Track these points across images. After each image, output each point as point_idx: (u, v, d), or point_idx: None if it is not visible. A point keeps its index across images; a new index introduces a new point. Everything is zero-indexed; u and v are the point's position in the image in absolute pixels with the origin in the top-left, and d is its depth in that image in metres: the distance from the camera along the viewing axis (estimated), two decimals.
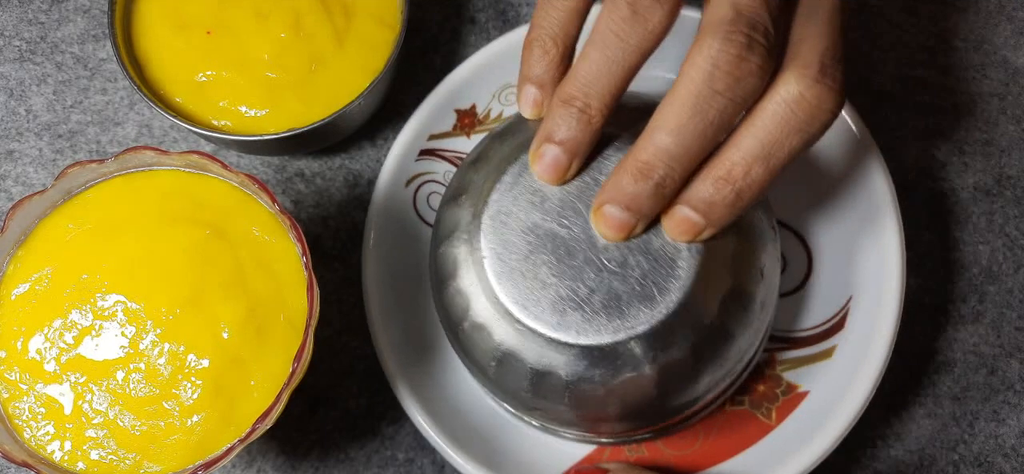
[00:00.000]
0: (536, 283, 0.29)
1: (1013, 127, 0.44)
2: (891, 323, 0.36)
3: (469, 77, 0.41)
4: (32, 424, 0.32)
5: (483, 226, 0.30)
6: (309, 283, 0.32)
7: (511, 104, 0.42)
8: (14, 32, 0.46)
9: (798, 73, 0.26)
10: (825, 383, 0.37)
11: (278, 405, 0.31)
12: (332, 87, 0.40)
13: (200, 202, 0.34)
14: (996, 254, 0.43)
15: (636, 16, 0.27)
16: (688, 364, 0.30)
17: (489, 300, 0.30)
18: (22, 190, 0.43)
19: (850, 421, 0.35)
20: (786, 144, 0.26)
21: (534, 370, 0.30)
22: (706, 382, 0.31)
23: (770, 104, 0.26)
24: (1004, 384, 0.41)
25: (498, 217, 0.30)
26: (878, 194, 0.37)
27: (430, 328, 0.39)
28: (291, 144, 0.40)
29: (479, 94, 0.42)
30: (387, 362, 0.37)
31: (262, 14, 0.40)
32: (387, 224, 0.40)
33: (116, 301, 0.33)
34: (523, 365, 0.30)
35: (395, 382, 0.37)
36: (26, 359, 0.32)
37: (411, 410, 0.37)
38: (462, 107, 0.42)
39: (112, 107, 0.44)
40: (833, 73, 0.26)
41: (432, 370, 0.38)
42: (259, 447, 0.39)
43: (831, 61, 0.26)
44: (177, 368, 0.32)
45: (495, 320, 0.30)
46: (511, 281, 0.30)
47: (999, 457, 0.40)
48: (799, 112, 0.26)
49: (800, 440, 0.36)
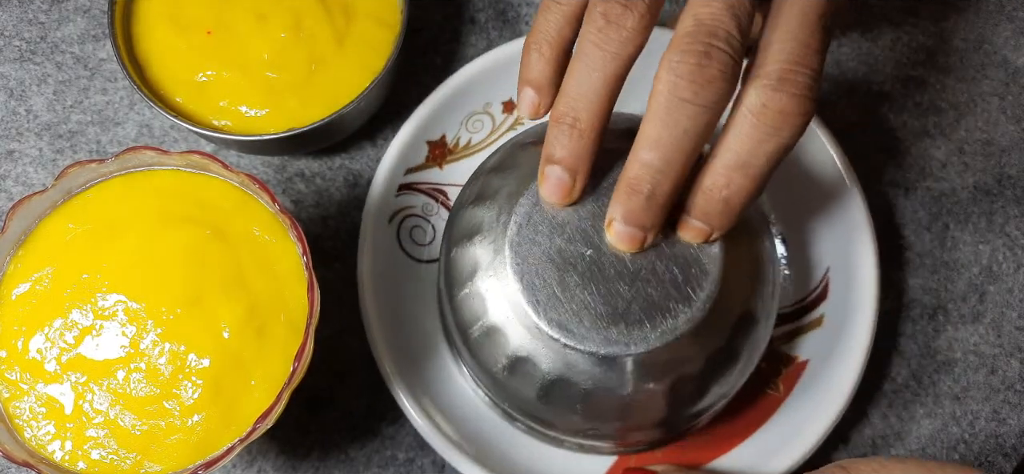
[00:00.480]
0: (566, 292, 0.30)
1: (1013, 127, 0.44)
2: (872, 281, 0.38)
3: (444, 103, 0.41)
4: (33, 424, 0.32)
5: (511, 231, 0.31)
6: (309, 283, 0.32)
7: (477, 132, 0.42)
8: (14, 32, 0.46)
9: (759, 83, 0.27)
10: (821, 349, 0.39)
11: (278, 405, 0.31)
12: (332, 87, 0.40)
13: (200, 202, 0.34)
14: (996, 254, 0.43)
15: (610, 24, 0.28)
16: (725, 355, 0.31)
17: (512, 306, 0.30)
18: (22, 190, 0.43)
19: (855, 380, 0.37)
20: (760, 151, 0.27)
21: (563, 380, 0.31)
22: (740, 369, 0.32)
23: (738, 114, 0.28)
24: (1004, 384, 0.41)
25: (528, 224, 0.31)
26: (832, 171, 0.40)
27: (429, 327, 0.39)
28: (291, 144, 0.40)
29: (449, 123, 0.42)
30: (383, 362, 0.37)
31: (262, 14, 0.40)
32: (380, 225, 0.40)
33: (116, 301, 0.33)
34: (538, 370, 0.31)
35: (392, 383, 0.37)
36: (27, 359, 0.32)
37: (410, 411, 0.37)
38: (433, 138, 0.42)
39: (112, 107, 0.44)
40: (794, 80, 0.27)
41: (430, 371, 0.38)
42: (259, 447, 0.39)
43: (793, 67, 0.27)
44: (178, 368, 0.32)
45: (517, 326, 0.31)
46: (543, 292, 0.30)
47: (999, 457, 0.40)
48: (765, 120, 0.27)
49: (813, 405, 0.37)
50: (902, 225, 0.43)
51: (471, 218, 0.33)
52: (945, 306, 0.42)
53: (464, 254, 0.32)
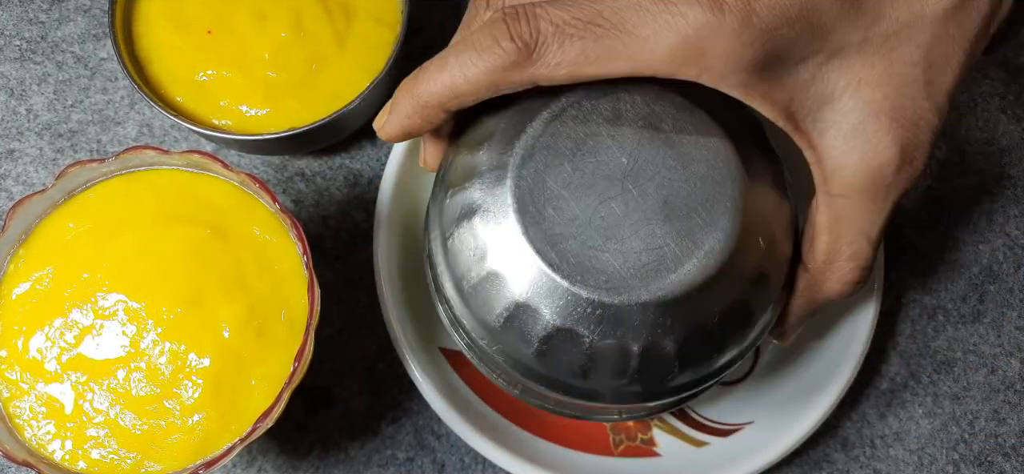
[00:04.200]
0: (572, 232, 0.27)
1: (1013, 127, 0.44)
2: (872, 280, 0.38)
3: None
4: (33, 423, 0.32)
5: (511, 169, 0.28)
6: (310, 282, 0.32)
7: None
8: (14, 31, 0.46)
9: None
10: (821, 348, 0.39)
11: (279, 404, 0.31)
12: (332, 87, 0.40)
13: (201, 201, 0.34)
14: (996, 254, 0.43)
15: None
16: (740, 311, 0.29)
17: (512, 249, 0.28)
18: (23, 189, 0.43)
19: (849, 377, 0.37)
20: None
21: (565, 331, 0.28)
22: (760, 327, 0.30)
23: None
24: (1004, 384, 0.41)
25: (531, 159, 0.28)
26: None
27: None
28: (291, 144, 0.40)
29: None
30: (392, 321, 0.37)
31: (263, 14, 0.40)
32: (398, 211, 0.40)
33: (117, 300, 0.33)
34: (539, 320, 0.28)
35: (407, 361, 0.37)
36: (27, 358, 0.32)
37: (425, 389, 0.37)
38: None
39: (113, 106, 0.44)
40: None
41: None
42: (259, 446, 0.39)
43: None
44: (178, 367, 0.32)
45: (517, 271, 0.28)
46: (547, 225, 0.27)
47: (999, 457, 0.40)
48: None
49: (805, 400, 0.37)
50: (902, 225, 0.43)
51: (465, 163, 0.30)
52: (945, 306, 0.42)
53: (456, 200, 0.30)
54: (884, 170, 0.27)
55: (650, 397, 0.31)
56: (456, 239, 0.29)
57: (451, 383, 0.38)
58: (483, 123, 0.31)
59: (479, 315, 0.30)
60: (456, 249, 0.29)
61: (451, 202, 0.30)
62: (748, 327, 0.30)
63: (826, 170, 0.28)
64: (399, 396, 0.40)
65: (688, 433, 0.38)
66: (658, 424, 0.38)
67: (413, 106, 0.29)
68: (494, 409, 0.38)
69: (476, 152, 0.30)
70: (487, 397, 0.38)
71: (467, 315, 0.30)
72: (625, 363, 0.28)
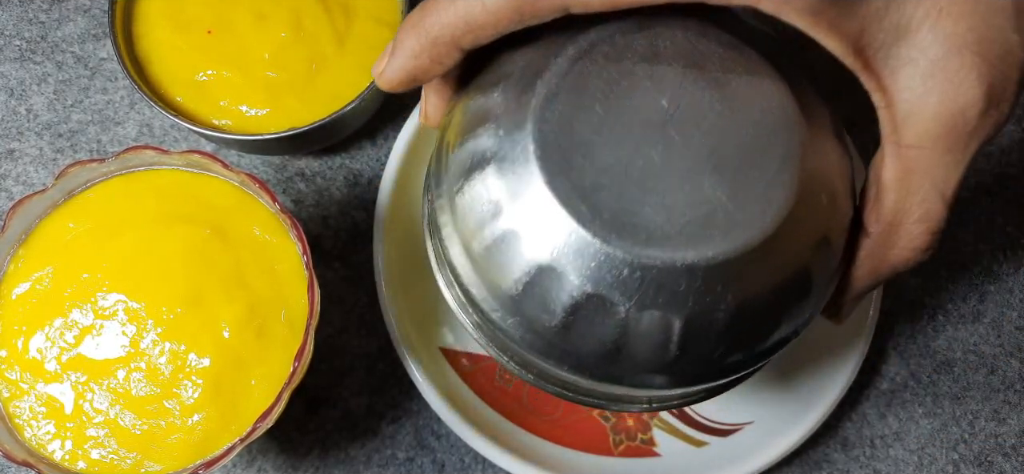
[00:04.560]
0: (605, 184, 0.23)
1: (1013, 127, 0.44)
2: None
3: None
4: (33, 423, 0.32)
5: (533, 111, 0.24)
6: (310, 282, 0.32)
7: None
8: (14, 31, 0.46)
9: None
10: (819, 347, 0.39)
11: (279, 404, 0.31)
12: (332, 87, 0.40)
13: (201, 201, 0.34)
14: (996, 254, 0.43)
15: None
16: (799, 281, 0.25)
17: (534, 204, 0.23)
18: (23, 189, 0.43)
19: (849, 377, 0.37)
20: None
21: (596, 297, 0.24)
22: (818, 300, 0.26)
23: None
24: (1004, 384, 0.41)
25: (555, 101, 0.24)
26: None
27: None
28: (291, 144, 0.40)
29: None
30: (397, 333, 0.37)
31: (262, 14, 0.40)
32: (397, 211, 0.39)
33: (117, 300, 0.33)
34: (565, 286, 0.24)
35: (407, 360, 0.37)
36: (27, 358, 0.32)
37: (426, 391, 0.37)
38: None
39: (112, 106, 0.44)
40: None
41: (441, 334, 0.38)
42: (259, 446, 0.39)
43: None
44: (178, 367, 0.32)
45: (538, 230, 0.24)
46: (575, 175, 0.23)
47: (999, 457, 0.40)
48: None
49: (807, 397, 0.37)
50: None
51: (477, 107, 0.26)
52: (945, 306, 0.42)
53: (465, 149, 0.25)
54: (967, 113, 0.23)
55: (689, 381, 0.26)
56: (465, 194, 0.25)
57: (451, 383, 0.38)
58: (498, 63, 0.26)
59: (492, 283, 0.25)
60: (465, 206, 0.25)
61: (459, 151, 0.25)
62: (806, 299, 0.25)
63: (898, 116, 0.24)
64: (399, 396, 0.40)
65: (688, 433, 0.38)
66: (658, 423, 0.38)
67: (420, 44, 0.25)
68: (494, 409, 0.38)
69: (490, 94, 0.25)
70: (487, 397, 0.38)
71: (477, 283, 0.26)
72: (666, 338, 0.24)
